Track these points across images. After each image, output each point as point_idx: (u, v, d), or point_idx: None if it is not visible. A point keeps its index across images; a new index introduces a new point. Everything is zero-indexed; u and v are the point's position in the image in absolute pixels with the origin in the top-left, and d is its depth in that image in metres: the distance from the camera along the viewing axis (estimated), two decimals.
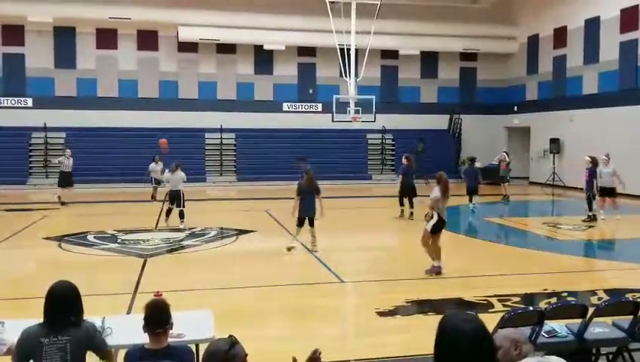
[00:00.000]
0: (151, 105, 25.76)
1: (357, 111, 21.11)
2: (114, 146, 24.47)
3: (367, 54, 21.20)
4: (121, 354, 3.81)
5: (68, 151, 18.54)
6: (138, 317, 3.59)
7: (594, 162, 14.67)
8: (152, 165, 19.02)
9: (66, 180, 17.74)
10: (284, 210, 16.64)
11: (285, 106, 27.66)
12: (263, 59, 27.08)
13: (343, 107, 21.33)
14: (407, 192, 15.07)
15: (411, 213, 14.75)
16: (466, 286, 8.32)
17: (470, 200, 16.75)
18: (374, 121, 21.77)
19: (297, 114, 27.69)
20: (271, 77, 27.67)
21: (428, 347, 2.32)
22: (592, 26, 22.79)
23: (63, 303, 3.53)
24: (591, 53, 22.90)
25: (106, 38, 25.57)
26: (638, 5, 20.30)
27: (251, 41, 26.09)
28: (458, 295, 7.81)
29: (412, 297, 7.64)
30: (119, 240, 11.94)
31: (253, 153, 25.84)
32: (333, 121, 21.84)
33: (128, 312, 6.62)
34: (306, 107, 27.92)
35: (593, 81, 22.83)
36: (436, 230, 8.91)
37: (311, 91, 28.01)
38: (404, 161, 15.51)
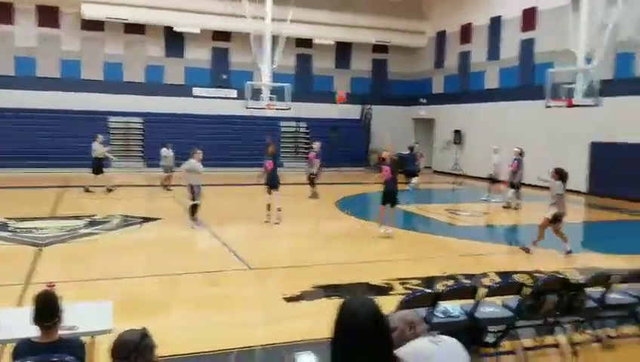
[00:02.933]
0: (51, 85, 24.31)
1: (271, 99, 21.03)
2: (7, 129, 22.72)
3: (282, 42, 21.16)
4: (10, 348, 3.63)
5: None
6: (28, 310, 3.44)
7: (521, 153, 15.59)
8: (164, 150, 18.25)
9: None
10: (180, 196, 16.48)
11: (196, 91, 27.07)
12: (174, 41, 26.34)
13: (257, 94, 21.17)
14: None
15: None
16: (372, 271, 8.60)
17: (408, 182, 18.29)
18: (289, 109, 21.82)
19: (209, 99, 27.21)
20: (182, 60, 26.97)
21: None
22: (496, 24, 24.04)
23: None
24: (493, 50, 24.18)
25: (1, 12, 23.81)
26: (536, 7, 21.63)
27: (162, 22, 25.26)
28: (364, 279, 8.06)
29: (319, 282, 7.80)
30: (10, 229, 11.22)
31: (161, 138, 25.06)
32: (246, 107, 21.64)
33: (19, 304, 6.27)
34: (219, 93, 27.48)
35: (494, 77, 24.14)
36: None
37: (224, 77, 27.59)
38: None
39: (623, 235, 10.48)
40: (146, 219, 12.70)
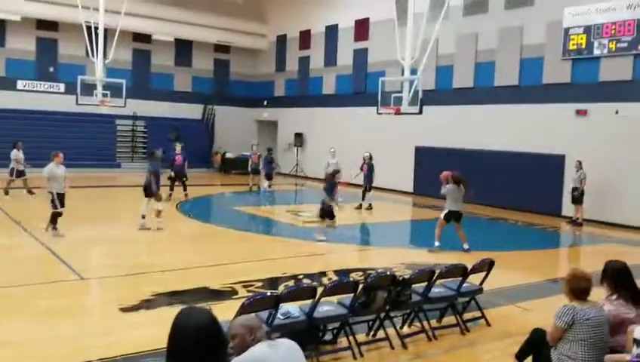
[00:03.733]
0: None
1: (105, 95, 19.86)
2: None
3: (117, 35, 20.11)
4: None
5: None
6: None
7: (371, 157, 16.58)
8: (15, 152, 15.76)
9: None
10: (14, 201, 15.03)
11: (20, 84, 24.67)
12: None
13: (89, 89, 19.86)
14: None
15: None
16: (214, 275, 8.55)
17: (262, 186, 19.50)
18: (124, 107, 20.78)
19: (35, 93, 24.96)
20: (3, 50, 24.39)
21: None
22: (332, 32, 25.17)
23: None
24: (330, 57, 25.28)
25: None
26: (369, 18, 23.04)
27: None
28: (205, 284, 7.99)
29: (158, 290, 7.57)
30: None
31: None
32: (77, 103, 20.20)
33: None
34: (46, 86, 25.32)
35: (332, 82, 25.26)
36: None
37: (51, 69, 25.46)
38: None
39: (443, 233, 11.59)
40: None
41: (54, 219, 10.91)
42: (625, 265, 4.78)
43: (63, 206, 11.01)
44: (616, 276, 4.72)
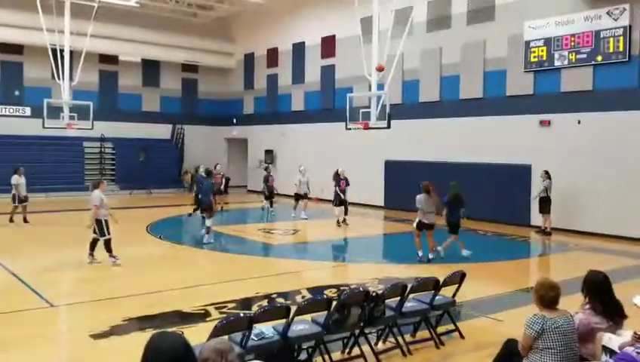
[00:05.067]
0: None
1: (72, 118, 19.60)
2: None
3: (82, 57, 19.91)
4: None
5: None
6: None
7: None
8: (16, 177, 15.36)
9: None
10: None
11: None
12: None
13: (56, 112, 19.59)
14: None
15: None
16: (186, 297, 8.45)
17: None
18: (92, 129, 20.53)
19: (0, 117, 24.50)
20: None
21: None
22: (299, 49, 25.35)
23: None
24: (298, 74, 25.44)
25: None
26: (335, 35, 23.30)
27: None
28: (176, 307, 7.89)
29: (130, 315, 7.45)
30: None
31: None
32: (44, 127, 19.89)
33: None
34: (11, 110, 24.87)
35: (300, 99, 25.39)
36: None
37: (17, 93, 25.03)
38: None
39: (414, 246, 11.71)
40: None
41: (94, 245, 10.81)
42: (602, 277, 4.86)
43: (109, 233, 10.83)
44: (591, 287, 4.83)
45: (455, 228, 11.96)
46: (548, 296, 4.48)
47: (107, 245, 10.70)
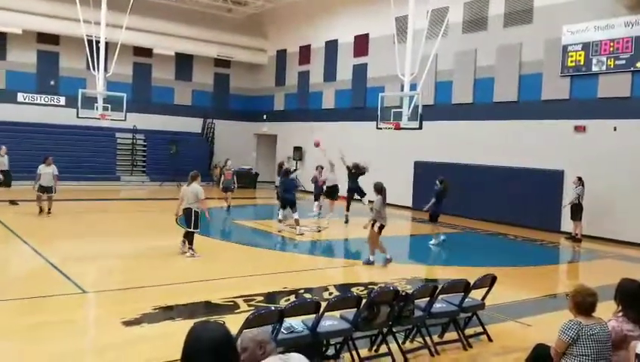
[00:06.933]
0: None
1: (106, 108, 19.94)
2: None
3: (118, 49, 20.24)
4: None
5: None
6: None
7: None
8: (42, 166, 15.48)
9: None
10: (20, 213, 15.04)
11: (20, 97, 24.78)
12: None
13: (90, 103, 19.94)
14: None
15: None
16: (215, 289, 8.53)
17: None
18: (125, 120, 20.86)
19: (35, 106, 25.06)
20: (4, 63, 24.52)
21: (176, 354, 2.39)
22: (331, 47, 25.35)
23: None
24: (330, 72, 25.43)
25: None
26: (368, 34, 23.23)
27: None
28: (205, 298, 7.98)
29: (159, 304, 7.56)
30: None
31: None
32: (78, 116, 20.28)
33: None
34: (46, 99, 25.43)
35: (331, 97, 25.38)
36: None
37: (52, 83, 25.57)
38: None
39: (442, 247, 11.64)
40: None
41: (192, 239, 10.93)
42: (637, 286, 4.78)
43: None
44: (625, 294, 4.75)
45: (436, 219, 13.54)
46: (585, 302, 4.42)
47: (191, 237, 10.88)
